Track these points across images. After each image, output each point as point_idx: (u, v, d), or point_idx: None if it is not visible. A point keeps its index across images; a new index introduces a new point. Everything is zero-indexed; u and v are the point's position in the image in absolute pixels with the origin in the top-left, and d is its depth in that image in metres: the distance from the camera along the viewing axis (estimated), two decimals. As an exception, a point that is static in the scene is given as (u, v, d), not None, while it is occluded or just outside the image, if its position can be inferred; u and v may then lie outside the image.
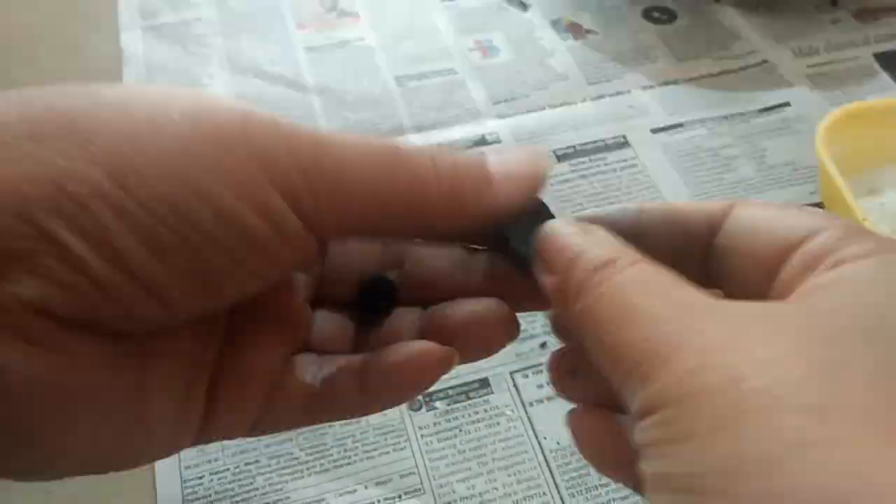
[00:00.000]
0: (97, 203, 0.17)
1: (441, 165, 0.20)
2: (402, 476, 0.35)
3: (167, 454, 0.22)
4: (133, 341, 0.19)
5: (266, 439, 0.36)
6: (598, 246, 0.19)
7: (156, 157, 0.17)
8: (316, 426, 0.36)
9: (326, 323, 0.24)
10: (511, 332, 0.23)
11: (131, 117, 0.18)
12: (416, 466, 0.35)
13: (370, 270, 0.24)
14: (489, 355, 0.23)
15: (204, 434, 0.22)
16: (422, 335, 0.23)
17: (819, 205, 0.46)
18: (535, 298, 0.22)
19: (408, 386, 0.23)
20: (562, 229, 0.20)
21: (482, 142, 0.49)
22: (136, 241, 0.17)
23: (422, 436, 0.36)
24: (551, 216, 0.22)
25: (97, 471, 0.20)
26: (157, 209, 0.17)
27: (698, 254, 0.21)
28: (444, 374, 0.22)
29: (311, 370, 0.23)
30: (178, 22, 0.57)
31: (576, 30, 0.57)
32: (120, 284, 0.17)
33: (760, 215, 0.20)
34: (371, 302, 0.24)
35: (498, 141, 0.49)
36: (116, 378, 0.19)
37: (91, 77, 0.53)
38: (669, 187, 0.47)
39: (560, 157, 0.48)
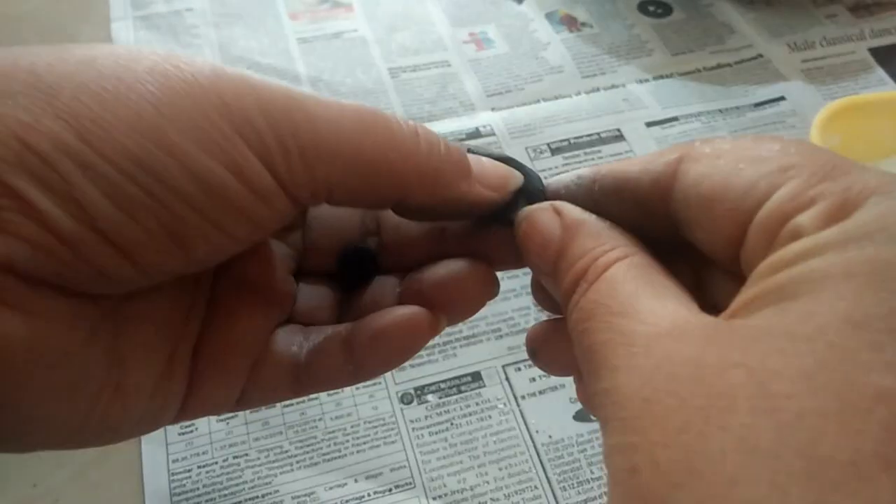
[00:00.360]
0: (61, 158, 0.16)
1: (422, 141, 0.20)
2: (392, 469, 0.35)
3: (151, 428, 0.21)
4: (108, 304, 0.19)
5: (255, 433, 0.35)
6: (579, 241, 0.19)
7: (123, 111, 0.17)
8: (307, 421, 0.36)
9: (309, 294, 0.24)
10: (490, 288, 0.23)
11: (97, 72, 0.17)
12: (407, 460, 0.35)
13: (349, 241, 0.25)
14: (471, 314, 0.23)
15: (189, 408, 0.21)
16: (401, 301, 0.23)
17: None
18: (513, 259, 0.22)
19: (396, 352, 0.22)
20: (541, 218, 0.20)
21: (476, 134, 0.49)
22: (103, 196, 0.16)
23: (413, 429, 0.36)
24: (537, 187, 0.22)
25: (74, 445, 0.20)
26: (124, 164, 0.16)
27: (659, 222, 0.19)
28: (431, 338, 0.22)
29: (296, 341, 0.23)
30: (170, 12, 0.57)
31: (570, 22, 0.57)
32: (88, 241, 0.17)
33: (709, 174, 0.17)
34: (351, 272, 0.25)
35: (492, 134, 0.49)
36: (90, 342, 0.18)
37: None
38: (664, 181, 0.46)
39: (554, 151, 0.48)
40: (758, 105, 0.51)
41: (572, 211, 0.20)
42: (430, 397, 0.37)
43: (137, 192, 0.17)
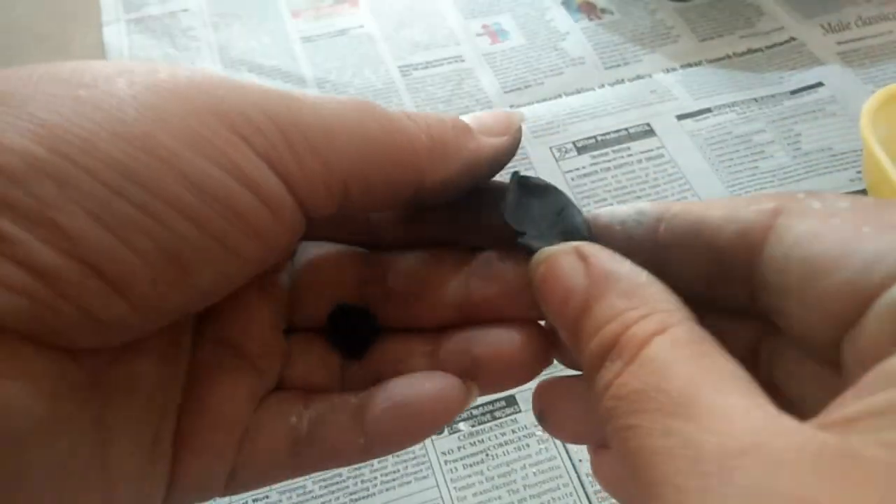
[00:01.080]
0: (35, 175, 0.13)
1: (417, 119, 0.18)
2: (425, 508, 0.32)
3: None
4: (93, 366, 0.16)
5: (275, 472, 0.33)
6: (608, 299, 0.15)
7: (102, 117, 0.14)
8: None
9: (304, 353, 0.21)
10: (542, 364, 0.19)
11: (66, 80, 0.15)
12: (441, 497, 0.32)
13: (340, 298, 0.21)
14: (514, 386, 0.20)
15: (174, 494, 0.18)
16: (433, 364, 0.20)
17: (863, 192, 0.42)
18: (528, 309, 0.19)
19: (419, 428, 0.19)
20: (562, 263, 0.17)
21: (495, 134, 0.46)
22: (87, 216, 0.14)
23: (445, 462, 0.33)
24: (576, 220, 0.19)
25: None
26: (110, 177, 0.14)
27: (737, 282, 0.16)
28: (460, 412, 0.19)
29: (295, 410, 0.19)
30: (165, 13, 0.53)
31: (589, 10, 0.54)
32: (73, 274, 0.14)
33: (822, 234, 0.14)
34: (344, 337, 0.21)
35: (512, 133, 0.46)
36: (77, 411, 0.15)
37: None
38: (700, 179, 0.43)
39: (580, 149, 0.45)
40: (794, 92, 0.48)
41: (602, 258, 0.16)
42: (461, 426, 0.34)
43: (128, 208, 0.14)
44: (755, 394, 0.13)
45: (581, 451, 0.33)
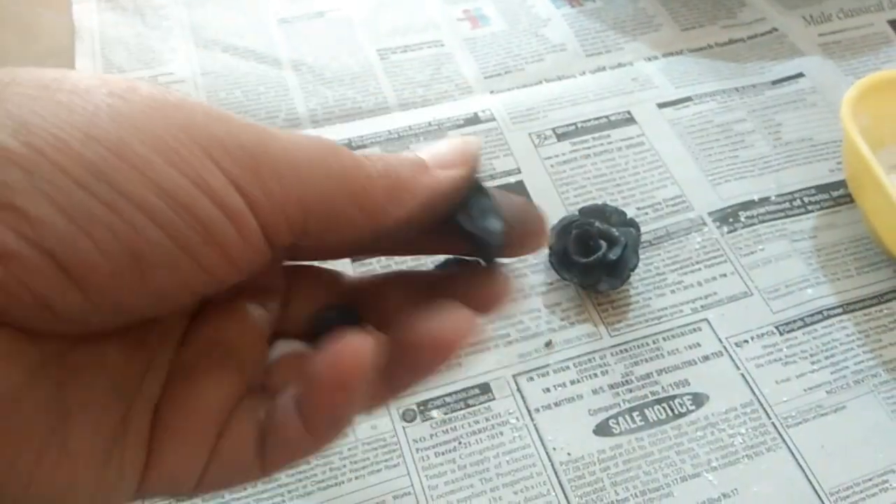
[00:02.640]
0: (3, 164, 0.14)
1: (374, 159, 0.19)
2: (395, 497, 0.31)
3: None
4: (51, 349, 0.16)
5: (241, 459, 0.32)
6: None
7: (77, 120, 0.15)
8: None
9: (287, 364, 0.21)
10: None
11: (46, 85, 0.15)
12: (412, 485, 0.31)
13: (328, 302, 0.22)
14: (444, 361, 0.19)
15: (147, 483, 0.18)
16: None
17: (842, 183, 0.42)
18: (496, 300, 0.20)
19: (334, 394, 0.17)
20: None
21: (475, 120, 0.45)
22: (51, 205, 0.14)
23: (417, 450, 0.32)
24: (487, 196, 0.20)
25: None
26: (78, 173, 0.14)
27: None
28: (369, 364, 0.17)
29: (265, 405, 0.20)
30: (137, -8, 0.52)
31: (571, -3, 0.53)
32: (31, 260, 0.14)
33: None
34: (327, 331, 0.21)
35: (492, 119, 0.45)
36: (31, 385, 0.16)
37: (44, 55, 0.48)
38: (680, 167, 0.43)
39: (560, 136, 0.44)
40: (776, 82, 0.47)
41: None
42: (434, 413, 0.34)
43: (94, 203, 0.15)
44: None
45: (555, 439, 0.33)
